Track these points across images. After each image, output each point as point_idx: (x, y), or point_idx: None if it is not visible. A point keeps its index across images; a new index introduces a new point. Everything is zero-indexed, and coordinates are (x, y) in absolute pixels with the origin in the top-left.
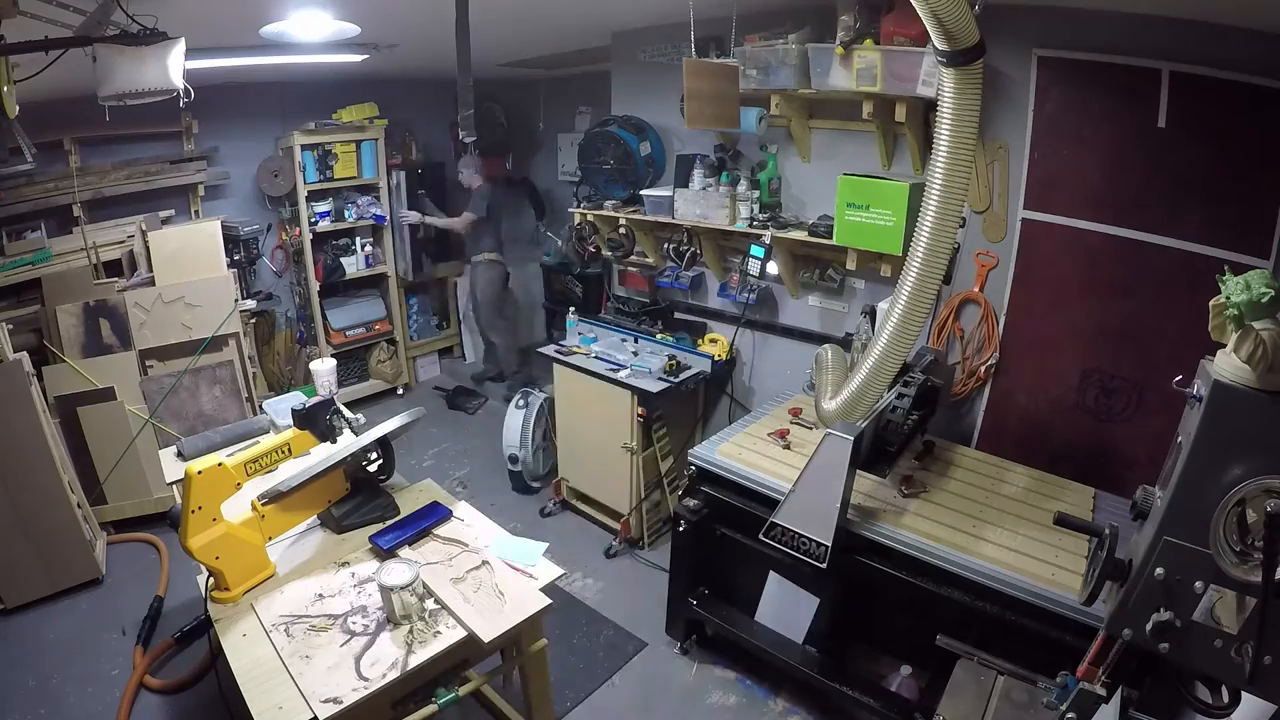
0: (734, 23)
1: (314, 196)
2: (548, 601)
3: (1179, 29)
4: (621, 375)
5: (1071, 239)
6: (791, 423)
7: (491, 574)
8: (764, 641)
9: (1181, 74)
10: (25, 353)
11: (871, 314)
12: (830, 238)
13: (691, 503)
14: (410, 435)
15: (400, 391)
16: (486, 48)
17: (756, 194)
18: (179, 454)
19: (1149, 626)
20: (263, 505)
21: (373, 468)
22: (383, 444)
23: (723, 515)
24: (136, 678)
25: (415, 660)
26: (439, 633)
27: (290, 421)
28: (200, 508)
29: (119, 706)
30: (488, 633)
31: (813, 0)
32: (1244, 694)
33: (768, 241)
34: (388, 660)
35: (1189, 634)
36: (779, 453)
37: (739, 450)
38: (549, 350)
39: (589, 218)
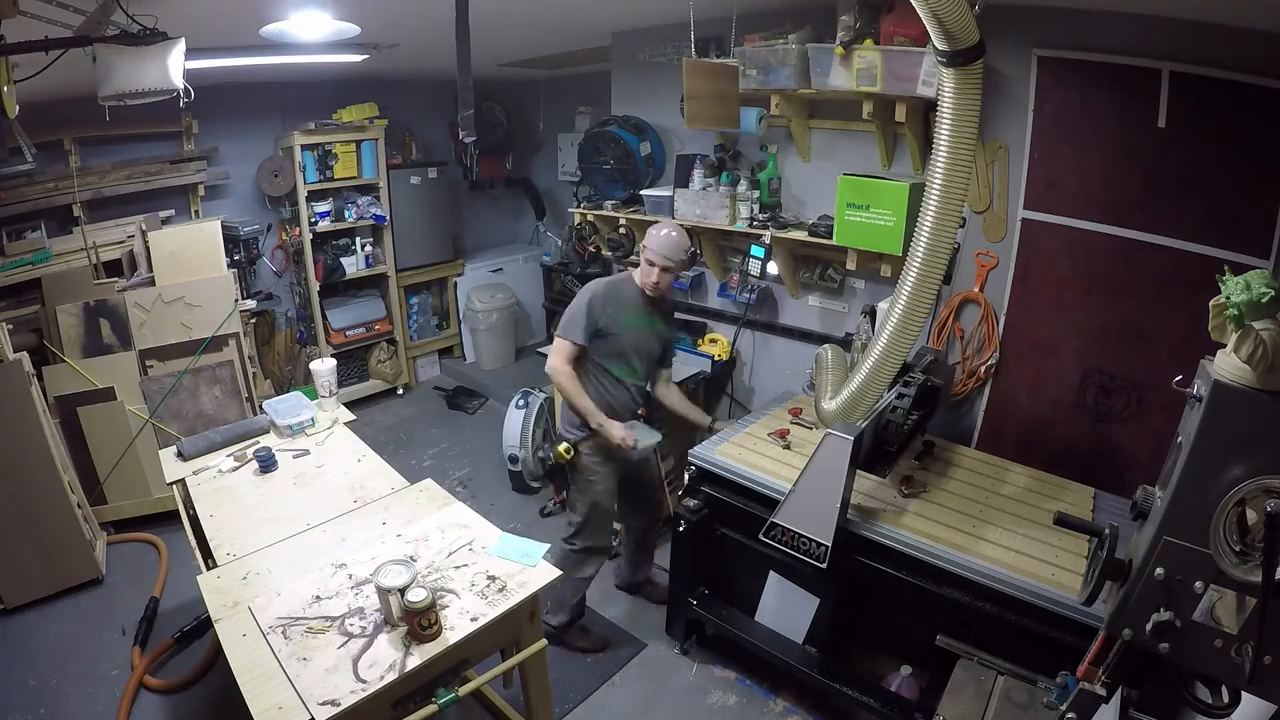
0: (734, 23)
1: (314, 196)
2: (555, 573)
3: (1179, 29)
4: None
5: (1071, 239)
6: (791, 423)
7: (490, 574)
8: (764, 641)
9: (1181, 74)
10: (25, 353)
11: (871, 314)
12: (830, 238)
13: (691, 503)
14: (410, 435)
15: (400, 391)
16: (486, 48)
17: (756, 194)
18: (179, 454)
19: (1149, 626)
20: None
21: None
22: None
23: (723, 515)
24: (135, 678)
25: (413, 661)
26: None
27: (286, 422)
28: None
29: (119, 706)
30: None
31: (813, 0)
32: (1244, 694)
33: (768, 241)
34: (385, 662)
35: (1189, 634)
36: (779, 453)
37: (739, 450)
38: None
39: (589, 218)
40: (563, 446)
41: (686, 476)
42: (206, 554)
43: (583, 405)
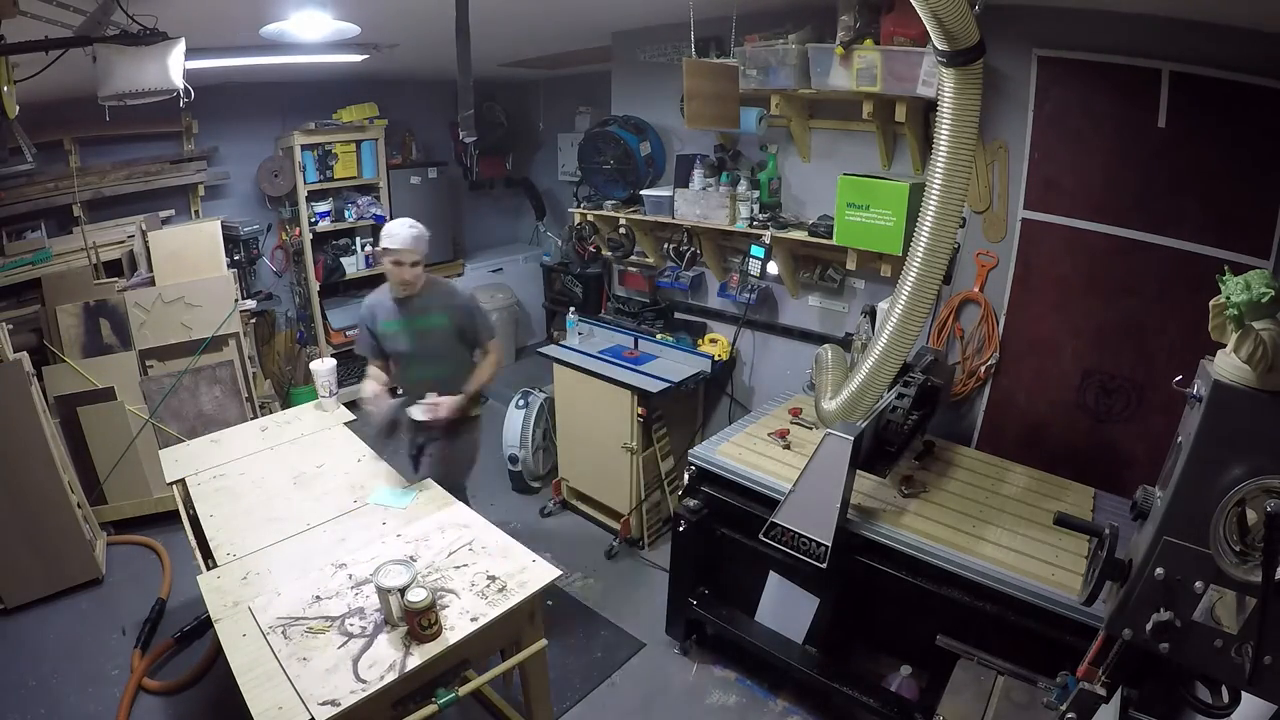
0: (734, 23)
1: (314, 196)
2: (555, 573)
3: (1179, 29)
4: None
5: (1071, 239)
6: (791, 423)
7: (490, 574)
8: (764, 641)
9: (1181, 74)
10: (25, 353)
11: (871, 314)
12: (830, 238)
13: (691, 503)
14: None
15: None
16: (486, 48)
17: (756, 194)
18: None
19: (1149, 626)
20: None
21: None
22: None
23: (723, 515)
24: (134, 680)
25: (414, 662)
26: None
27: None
28: None
29: (118, 706)
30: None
31: (813, 0)
32: (1244, 694)
33: (768, 241)
34: (385, 662)
35: (1189, 634)
36: (779, 453)
37: (739, 450)
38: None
39: (589, 218)
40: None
41: (686, 476)
42: (206, 554)
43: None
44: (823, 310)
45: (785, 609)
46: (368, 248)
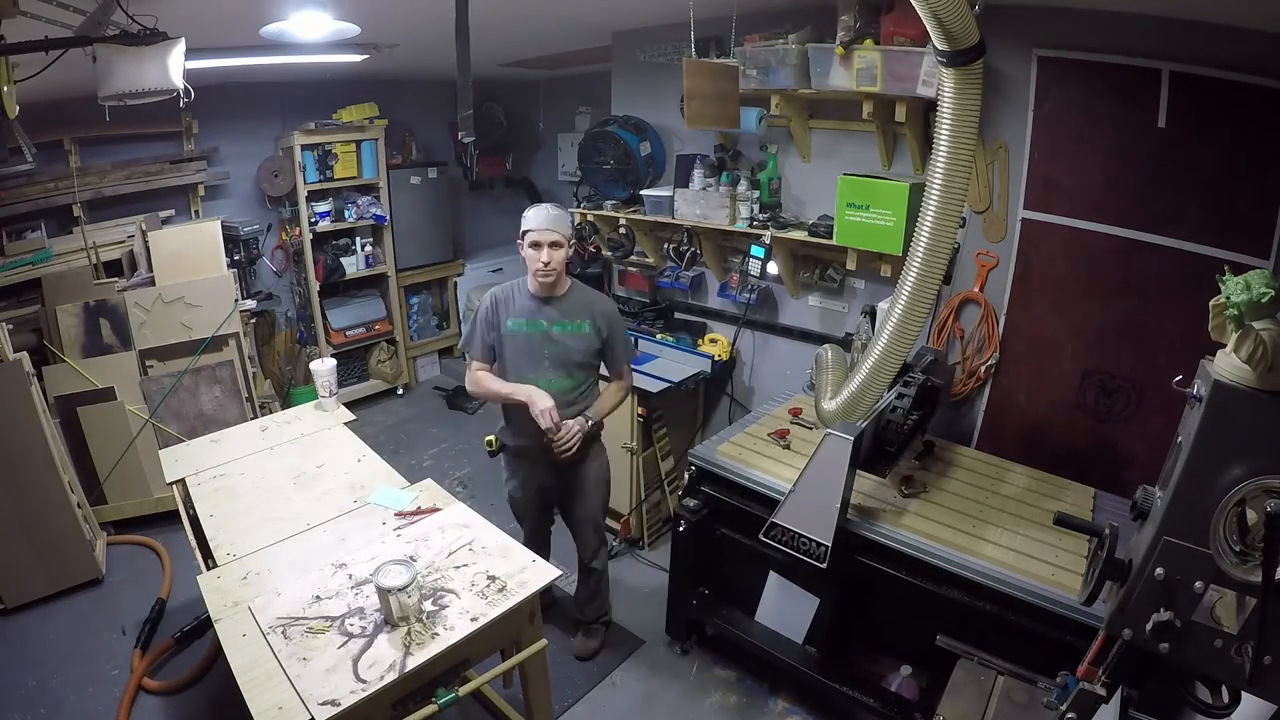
0: (734, 23)
1: (314, 196)
2: (556, 573)
3: (1179, 29)
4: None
5: (1071, 239)
6: (791, 423)
7: (490, 574)
8: (764, 641)
9: (1181, 74)
10: (25, 353)
11: (871, 314)
12: (830, 238)
13: (691, 503)
14: (410, 435)
15: (400, 391)
16: (486, 48)
17: (756, 194)
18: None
19: (1149, 626)
20: None
21: None
22: None
23: (723, 515)
24: (134, 680)
25: (414, 662)
26: (437, 634)
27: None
28: None
29: (118, 707)
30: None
31: (813, 0)
32: (1244, 694)
33: (768, 241)
34: (386, 662)
35: (1189, 634)
36: (779, 453)
37: (739, 450)
38: None
39: (589, 218)
40: (489, 438)
41: (686, 476)
42: (206, 554)
43: (499, 389)
44: (823, 310)
45: (785, 609)
46: (368, 247)
